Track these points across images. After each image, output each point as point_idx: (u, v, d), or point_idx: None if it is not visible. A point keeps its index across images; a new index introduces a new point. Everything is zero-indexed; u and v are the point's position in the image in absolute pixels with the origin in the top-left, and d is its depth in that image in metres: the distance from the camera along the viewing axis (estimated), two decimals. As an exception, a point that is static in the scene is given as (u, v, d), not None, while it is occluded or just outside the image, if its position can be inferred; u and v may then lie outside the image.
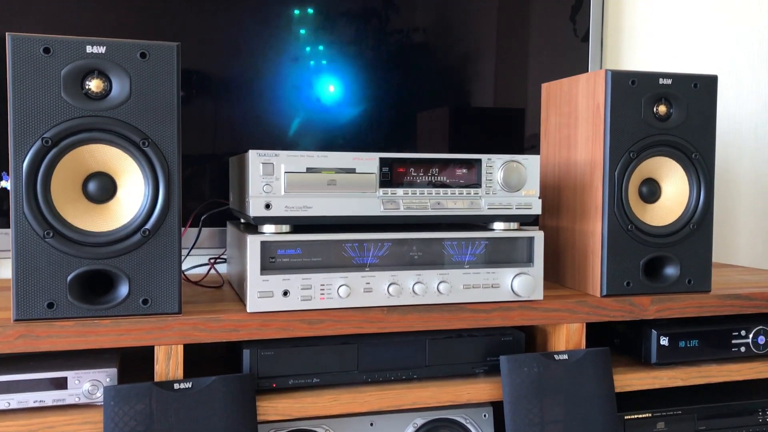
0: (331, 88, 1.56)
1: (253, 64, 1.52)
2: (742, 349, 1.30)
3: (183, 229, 1.37)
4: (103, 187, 1.03)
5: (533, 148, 1.69)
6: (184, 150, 1.06)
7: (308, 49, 1.54)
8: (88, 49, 0.99)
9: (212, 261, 1.41)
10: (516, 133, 1.71)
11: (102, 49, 0.99)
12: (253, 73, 1.51)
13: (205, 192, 1.51)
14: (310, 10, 1.54)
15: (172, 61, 1.02)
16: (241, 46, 1.50)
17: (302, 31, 1.54)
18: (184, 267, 1.42)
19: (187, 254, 1.43)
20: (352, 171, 1.11)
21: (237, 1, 1.50)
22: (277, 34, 1.52)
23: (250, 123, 1.53)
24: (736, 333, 1.30)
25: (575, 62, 1.73)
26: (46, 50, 0.97)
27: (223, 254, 1.46)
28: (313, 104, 1.56)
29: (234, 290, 1.27)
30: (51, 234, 0.99)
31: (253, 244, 1.07)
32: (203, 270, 1.43)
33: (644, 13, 1.83)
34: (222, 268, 1.47)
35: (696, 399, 1.33)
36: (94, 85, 1.00)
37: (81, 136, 0.99)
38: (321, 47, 1.55)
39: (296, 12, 1.53)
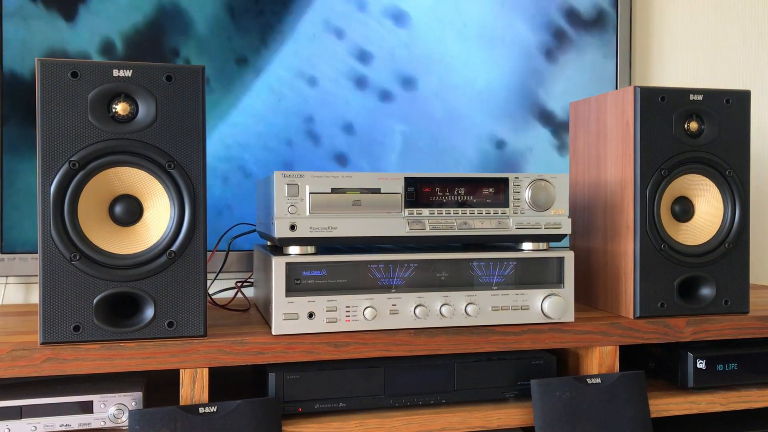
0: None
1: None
2: (784, 372, 1.26)
3: (210, 252, 1.37)
4: (129, 210, 1.03)
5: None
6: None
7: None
8: (115, 72, 1.00)
9: (239, 284, 1.41)
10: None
11: (128, 73, 1.00)
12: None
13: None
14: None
15: (198, 84, 1.03)
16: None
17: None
18: (211, 291, 1.42)
19: (215, 278, 1.43)
20: (377, 191, 1.10)
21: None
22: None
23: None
24: (777, 356, 1.25)
25: (603, 83, 1.71)
26: (74, 74, 0.99)
27: (249, 278, 1.46)
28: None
29: (260, 313, 1.26)
30: (77, 257, 0.99)
31: (278, 265, 1.06)
32: (230, 294, 1.43)
33: (673, 31, 1.80)
34: (249, 291, 1.47)
35: (736, 425, 1.28)
36: (120, 108, 1.00)
37: (107, 159, 1.00)
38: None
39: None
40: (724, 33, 1.84)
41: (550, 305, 1.15)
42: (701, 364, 1.22)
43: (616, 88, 1.71)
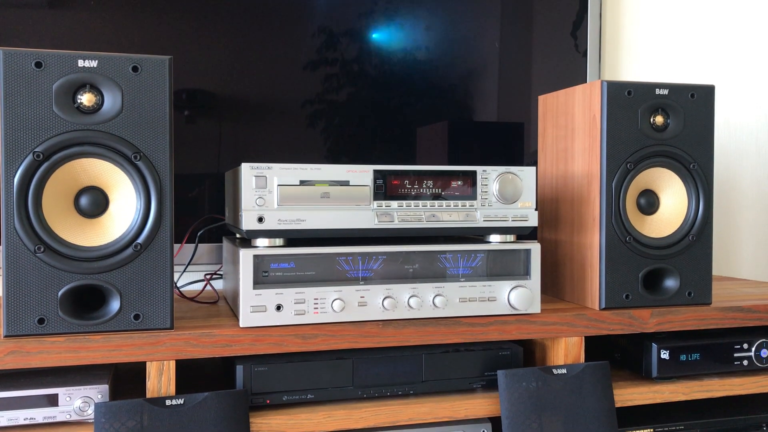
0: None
1: (253, 81, 1.52)
2: (745, 362, 1.28)
3: (179, 245, 1.37)
4: (94, 202, 1.02)
5: (535, 163, 1.68)
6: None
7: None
8: (80, 63, 0.99)
9: (208, 277, 1.40)
10: (517, 148, 1.71)
11: (94, 63, 0.99)
12: (254, 89, 1.52)
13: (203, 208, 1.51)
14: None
15: (164, 75, 1.02)
16: (242, 61, 1.51)
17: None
18: (180, 283, 1.41)
19: (184, 270, 1.43)
20: (345, 183, 1.10)
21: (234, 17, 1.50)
22: (280, 51, 1.53)
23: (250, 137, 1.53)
24: (738, 346, 1.28)
25: (576, 77, 1.73)
26: (38, 64, 0.97)
27: (219, 270, 1.45)
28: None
29: (229, 306, 1.26)
30: (42, 249, 0.98)
31: (245, 257, 1.06)
32: (200, 286, 1.42)
33: (643, 27, 1.82)
34: (219, 284, 1.46)
35: (698, 414, 1.30)
36: (85, 99, 0.99)
37: (72, 150, 0.99)
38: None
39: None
40: (691, 32, 1.86)
41: (516, 297, 1.16)
42: (665, 355, 1.24)
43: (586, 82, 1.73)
